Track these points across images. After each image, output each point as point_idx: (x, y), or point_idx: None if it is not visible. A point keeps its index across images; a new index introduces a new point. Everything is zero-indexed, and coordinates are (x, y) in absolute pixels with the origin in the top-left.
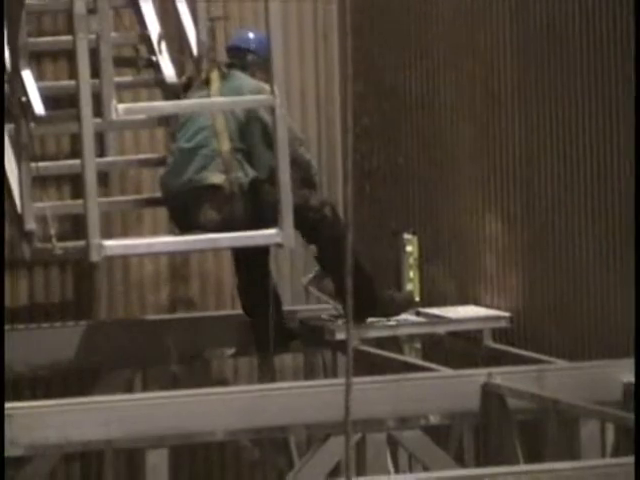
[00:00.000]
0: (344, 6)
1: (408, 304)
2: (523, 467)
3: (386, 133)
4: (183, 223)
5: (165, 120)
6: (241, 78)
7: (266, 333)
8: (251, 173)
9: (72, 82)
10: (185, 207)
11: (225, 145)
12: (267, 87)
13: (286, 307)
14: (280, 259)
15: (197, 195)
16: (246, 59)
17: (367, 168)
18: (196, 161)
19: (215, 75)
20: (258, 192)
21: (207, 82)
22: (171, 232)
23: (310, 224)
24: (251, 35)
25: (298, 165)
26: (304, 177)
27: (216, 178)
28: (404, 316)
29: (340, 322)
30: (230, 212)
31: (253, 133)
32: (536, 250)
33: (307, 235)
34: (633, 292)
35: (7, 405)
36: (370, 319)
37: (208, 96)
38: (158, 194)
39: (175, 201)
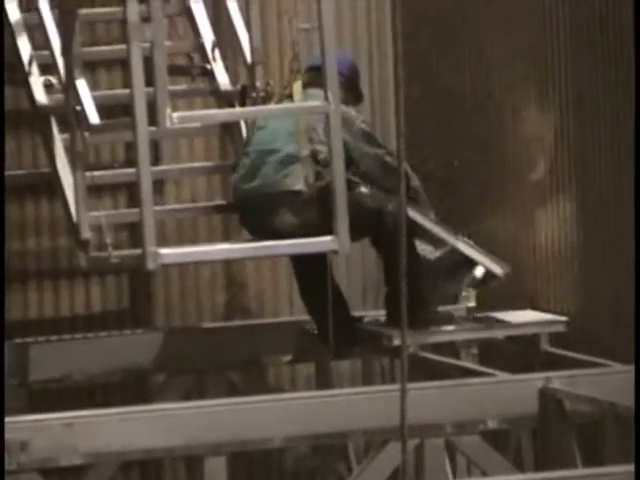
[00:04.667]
0: (395, 10)
1: (446, 322)
2: (581, 471)
3: (441, 136)
4: (256, 227)
5: (226, 128)
6: (320, 96)
7: (333, 338)
8: (327, 178)
9: (126, 91)
10: (260, 211)
11: (305, 149)
12: (348, 110)
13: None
14: (337, 265)
15: (274, 199)
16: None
17: (423, 171)
18: (272, 164)
19: (298, 87)
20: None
21: (290, 95)
22: (226, 239)
23: (378, 230)
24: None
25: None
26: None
27: (296, 184)
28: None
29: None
30: (308, 217)
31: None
32: (592, 252)
33: (372, 238)
34: None
35: (67, 414)
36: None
37: None
38: (213, 202)
39: (249, 205)
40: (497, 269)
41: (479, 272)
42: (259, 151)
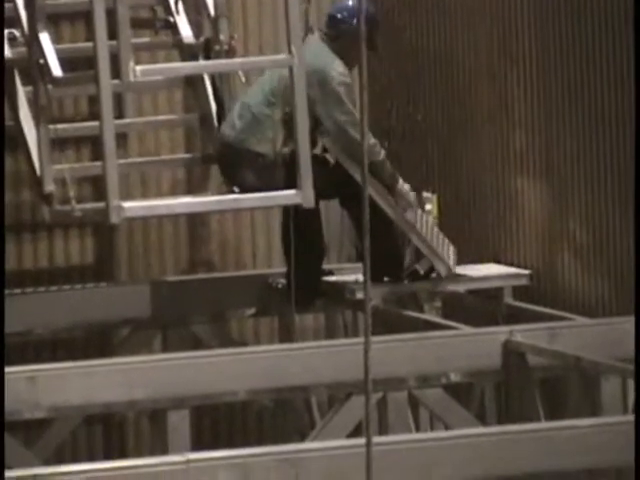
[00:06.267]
0: None
1: (428, 273)
2: (544, 424)
3: (405, 91)
4: (227, 176)
5: (189, 81)
6: (314, 49)
7: (300, 289)
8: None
9: (90, 44)
10: (230, 162)
11: (277, 113)
12: (330, 65)
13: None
14: None
15: (240, 156)
16: (339, 28)
17: (386, 126)
18: (246, 119)
19: None
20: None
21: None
22: (190, 193)
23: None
24: (348, 4)
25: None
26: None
27: (262, 146)
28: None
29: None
30: (269, 181)
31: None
32: (556, 205)
33: (341, 200)
34: None
35: (30, 367)
36: (388, 279)
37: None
38: (176, 155)
39: (223, 153)
40: (442, 269)
41: (422, 268)
42: (243, 104)
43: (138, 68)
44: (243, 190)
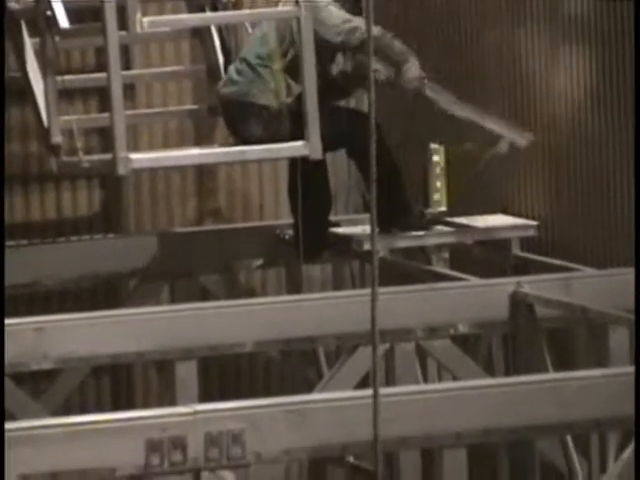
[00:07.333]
0: None
1: (435, 223)
2: (552, 375)
3: (411, 40)
4: (233, 131)
5: (197, 33)
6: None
7: (307, 241)
8: (296, 90)
9: None
10: (234, 117)
11: (277, 64)
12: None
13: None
14: None
15: (244, 110)
16: None
17: None
18: (247, 73)
19: None
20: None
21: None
22: (197, 145)
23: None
24: None
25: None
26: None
27: (265, 98)
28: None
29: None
30: (275, 132)
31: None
32: (564, 156)
33: (348, 149)
34: None
35: (37, 318)
36: (396, 229)
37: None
38: (184, 107)
39: (226, 109)
40: (520, 140)
41: (504, 146)
42: (242, 57)
43: (145, 19)
44: (250, 143)
